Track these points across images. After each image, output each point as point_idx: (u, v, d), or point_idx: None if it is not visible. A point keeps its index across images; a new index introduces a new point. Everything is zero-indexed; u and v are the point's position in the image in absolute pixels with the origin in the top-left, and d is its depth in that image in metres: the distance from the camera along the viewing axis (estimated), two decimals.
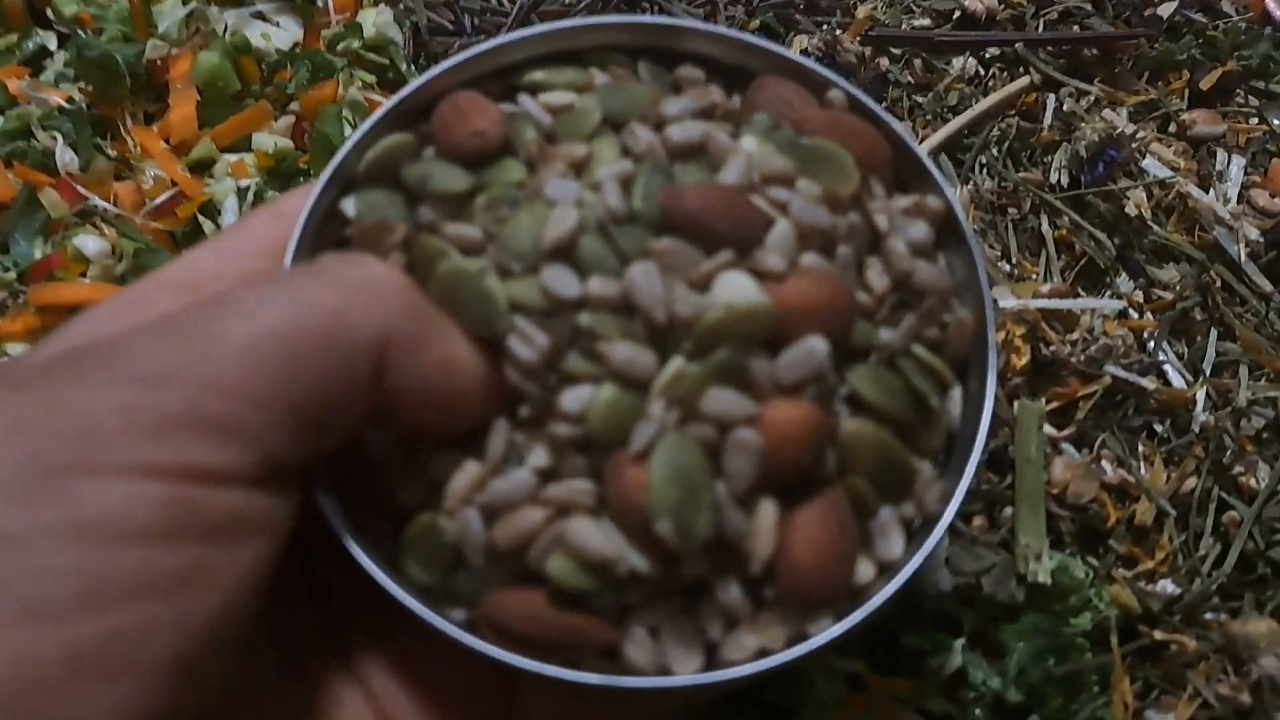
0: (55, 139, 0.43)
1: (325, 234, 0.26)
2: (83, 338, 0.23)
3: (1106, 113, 0.43)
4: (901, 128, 0.28)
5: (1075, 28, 0.46)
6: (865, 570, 0.25)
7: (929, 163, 0.28)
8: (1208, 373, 0.39)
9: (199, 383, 0.20)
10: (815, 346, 0.24)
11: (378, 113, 0.27)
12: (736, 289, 0.24)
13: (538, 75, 0.28)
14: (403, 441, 0.25)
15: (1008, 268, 0.41)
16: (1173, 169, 0.43)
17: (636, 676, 0.24)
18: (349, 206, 0.26)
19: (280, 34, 0.47)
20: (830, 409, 0.24)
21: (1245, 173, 0.43)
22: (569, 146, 0.26)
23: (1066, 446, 0.38)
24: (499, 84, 0.28)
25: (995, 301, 0.28)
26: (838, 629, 0.24)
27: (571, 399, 0.23)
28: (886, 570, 0.25)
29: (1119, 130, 0.42)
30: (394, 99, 0.27)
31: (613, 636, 0.24)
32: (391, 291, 0.23)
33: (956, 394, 0.27)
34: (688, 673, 0.24)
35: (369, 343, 0.22)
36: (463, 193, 0.26)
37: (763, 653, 0.24)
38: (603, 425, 0.23)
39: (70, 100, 0.44)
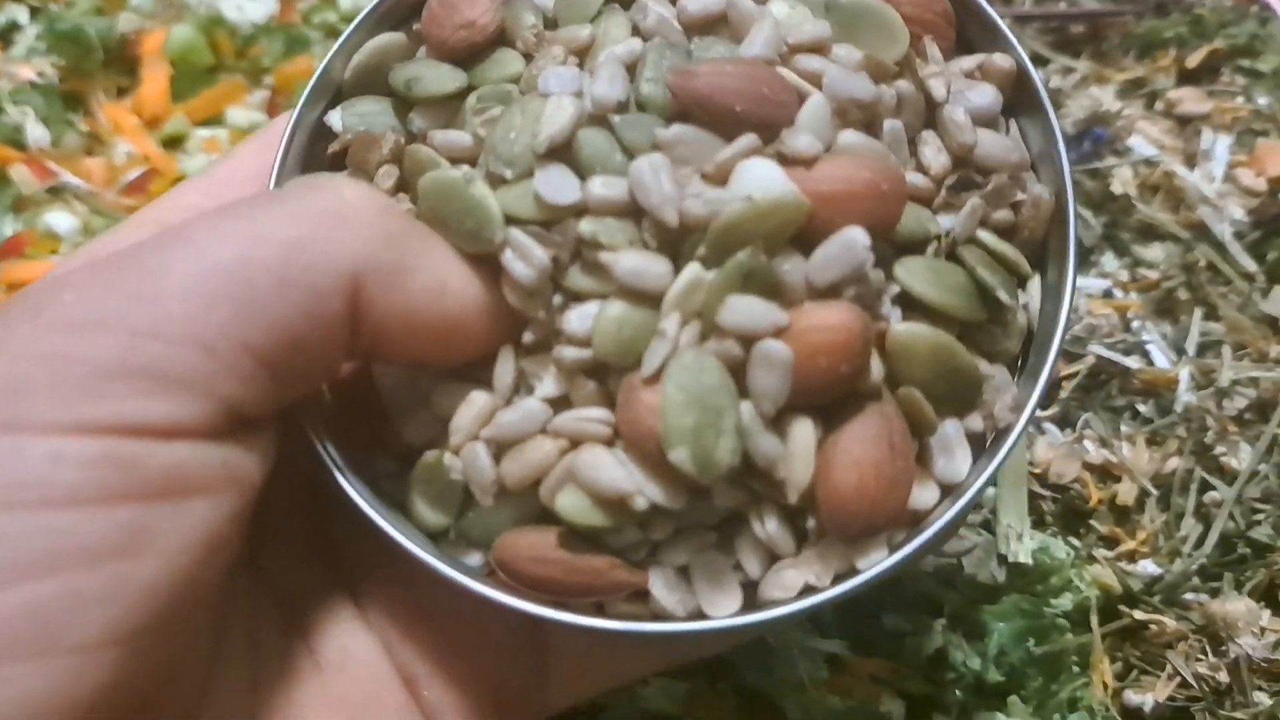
0: (25, 114, 0.43)
1: (316, 154, 0.24)
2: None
3: (1093, 90, 0.43)
4: None
5: (1062, 3, 0.46)
6: (927, 494, 0.22)
7: (995, 15, 0.24)
8: (1191, 353, 0.39)
9: (137, 328, 0.18)
10: (854, 239, 0.20)
11: (362, 13, 0.24)
12: (759, 180, 0.20)
13: None
14: (413, 375, 0.23)
15: None
16: (1159, 147, 0.42)
17: (666, 621, 0.21)
18: (335, 120, 0.24)
19: (254, 7, 0.47)
20: (876, 312, 0.21)
21: (1231, 152, 0.43)
22: (570, 31, 0.23)
23: (1049, 426, 0.38)
24: None
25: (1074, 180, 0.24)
26: (891, 560, 0.21)
27: (578, 319, 0.21)
28: (951, 492, 0.22)
29: (1105, 108, 0.41)
30: None
31: (635, 579, 0.21)
32: (363, 217, 0.20)
33: (1035, 285, 0.24)
34: (724, 615, 0.21)
35: (335, 276, 0.19)
36: (453, 94, 0.23)
37: (808, 590, 0.21)
38: (611, 346, 0.20)
39: (41, 75, 0.44)
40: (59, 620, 0.17)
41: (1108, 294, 0.40)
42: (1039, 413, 0.37)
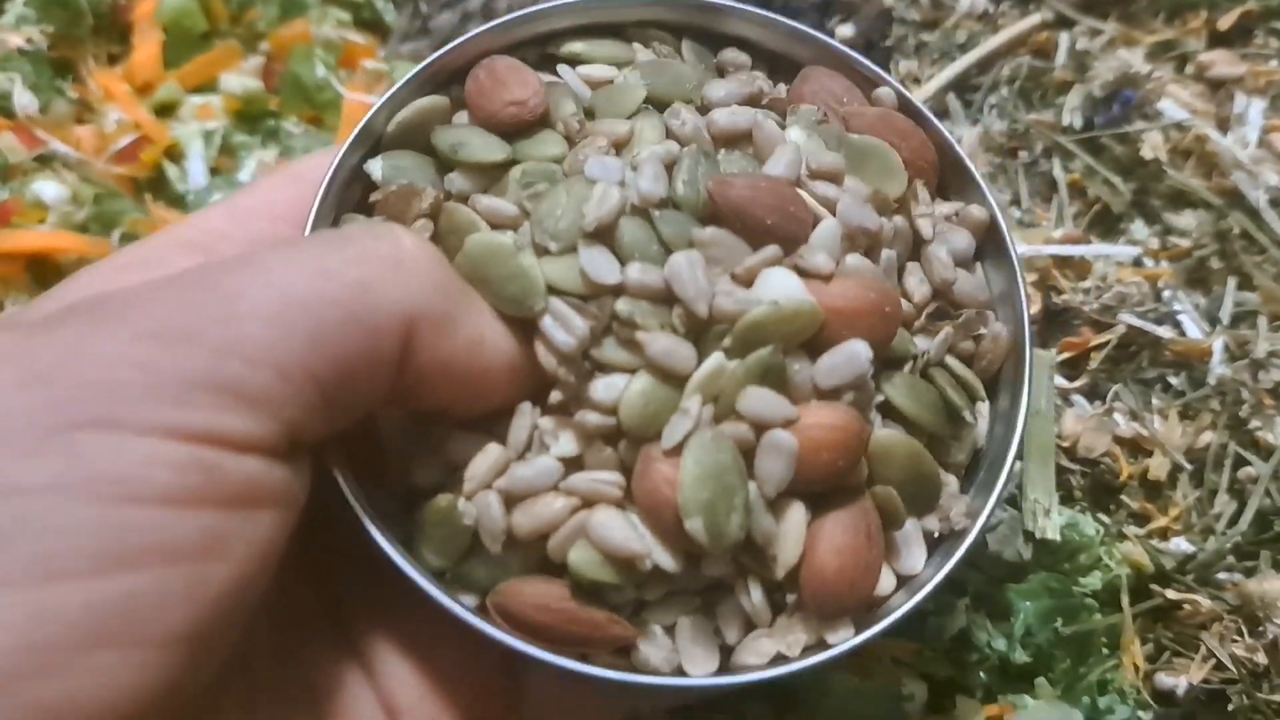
0: (13, 81, 0.41)
1: (348, 197, 0.25)
2: (90, 290, 0.22)
3: (1121, 52, 0.42)
4: (948, 132, 0.28)
5: None
6: (886, 582, 0.25)
7: (975, 171, 0.28)
8: (1225, 323, 0.38)
9: (222, 345, 0.19)
10: (858, 352, 0.23)
11: (409, 73, 0.26)
12: (782, 287, 0.23)
13: (577, 46, 0.27)
14: (418, 420, 0.24)
15: (1018, 213, 0.40)
16: (1190, 112, 0.41)
17: (651, 675, 0.23)
18: (375, 169, 0.25)
19: None
20: (867, 416, 0.24)
21: (1265, 116, 0.42)
22: (610, 124, 0.25)
23: (1078, 398, 0.37)
24: (535, 51, 0.28)
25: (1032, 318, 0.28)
26: (857, 640, 0.24)
27: (604, 389, 0.23)
28: (905, 582, 0.25)
29: (1134, 70, 0.40)
30: (428, 59, 0.26)
31: (630, 634, 0.23)
32: (421, 266, 0.22)
33: (984, 409, 0.27)
34: (702, 674, 0.24)
35: (395, 319, 0.21)
36: (498, 164, 0.25)
37: (779, 659, 0.24)
38: (636, 417, 0.22)
39: (29, 41, 0.43)
40: (146, 613, 0.18)
41: (1138, 262, 0.39)
42: (1067, 384, 0.36)
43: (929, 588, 0.25)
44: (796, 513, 0.23)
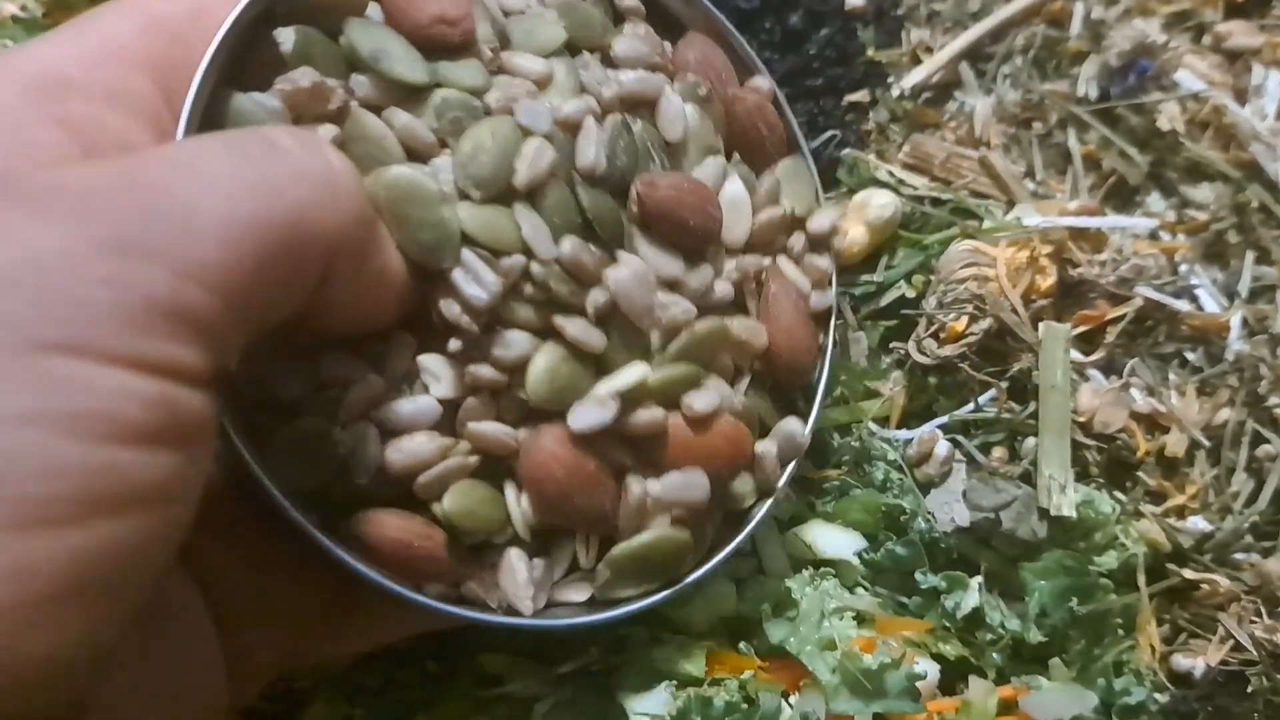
0: (6, 48, 0.41)
1: (233, 55, 0.24)
2: None
3: (1137, 22, 0.41)
4: (799, 131, 0.31)
5: None
6: None
7: (813, 167, 0.31)
8: (1243, 297, 0.38)
9: (182, 268, 0.17)
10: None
11: None
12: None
13: None
14: (285, 332, 0.23)
15: (1032, 185, 0.39)
16: (1208, 83, 0.40)
17: (480, 611, 0.25)
18: (286, 40, 0.23)
19: None
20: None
21: None
22: (529, 61, 0.25)
23: (1094, 373, 0.36)
24: None
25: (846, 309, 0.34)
26: (668, 592, 0.26)
27: (504, 346, 0.23)
28: None
29: (1151, 40, 0.39)
30: None
31: (468, 574, 0.24)
32: (350, 192, 0.21)
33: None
34: (529, 612, 0.25)
35: (325, 248, 0.20)
36: (419, 85, 0.24)
37: (593, 602, 0.26)
38: (544, 391, 0.24)
39: (24, 9, 0.42)
40: (126, 563, 0.17)
41: (1154, 235, 0.39)
42: (1083, 358, 0.36)
43: (730, 547, 0.27)
44: (652, 483, 0.25)
